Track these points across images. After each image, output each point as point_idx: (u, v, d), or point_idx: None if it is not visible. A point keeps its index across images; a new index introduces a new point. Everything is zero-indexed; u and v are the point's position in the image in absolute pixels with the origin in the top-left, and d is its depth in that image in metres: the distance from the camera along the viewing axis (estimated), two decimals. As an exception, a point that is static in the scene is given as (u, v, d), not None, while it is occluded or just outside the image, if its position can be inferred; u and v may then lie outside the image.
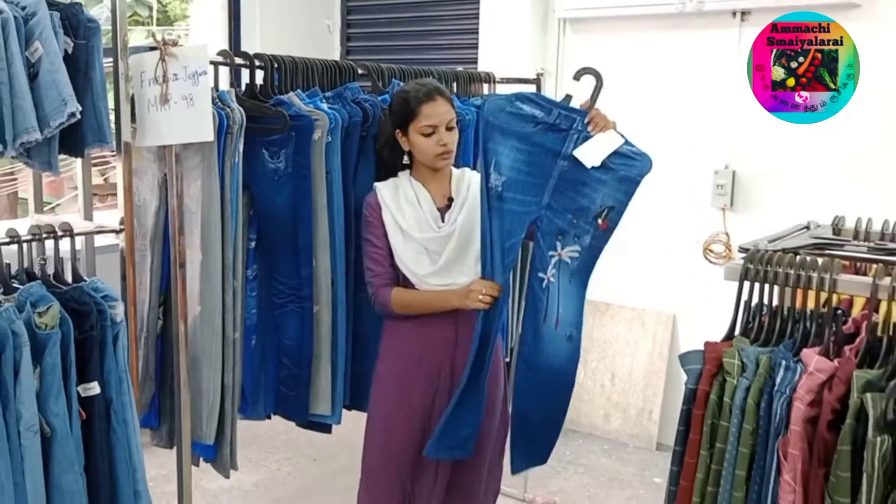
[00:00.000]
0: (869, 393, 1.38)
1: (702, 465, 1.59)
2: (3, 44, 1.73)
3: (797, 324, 1.59)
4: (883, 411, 1.37)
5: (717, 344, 1.64)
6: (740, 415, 1.52)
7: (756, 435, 1.51)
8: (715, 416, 1.57)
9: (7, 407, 1.67)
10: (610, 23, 3.89)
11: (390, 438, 2.27)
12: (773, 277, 1.58)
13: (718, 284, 3.62)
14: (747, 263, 1.64)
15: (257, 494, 3.36)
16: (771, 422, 1.50)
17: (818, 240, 1.81)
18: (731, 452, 1.53)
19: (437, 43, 4.66)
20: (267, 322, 2.41)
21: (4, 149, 1.75)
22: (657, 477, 3.63)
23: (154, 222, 2.14)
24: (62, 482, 1.77)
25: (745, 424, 1.51)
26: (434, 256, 2.22)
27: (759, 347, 1.57)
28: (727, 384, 1.56)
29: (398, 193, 2.24)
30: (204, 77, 1.88)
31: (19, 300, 1.73)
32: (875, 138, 3.29)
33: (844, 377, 1.42)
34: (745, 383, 1.52)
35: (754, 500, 1.51)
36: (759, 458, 1.51)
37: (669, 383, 3.90)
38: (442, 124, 2.21)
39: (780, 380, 1.49)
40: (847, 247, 1.74)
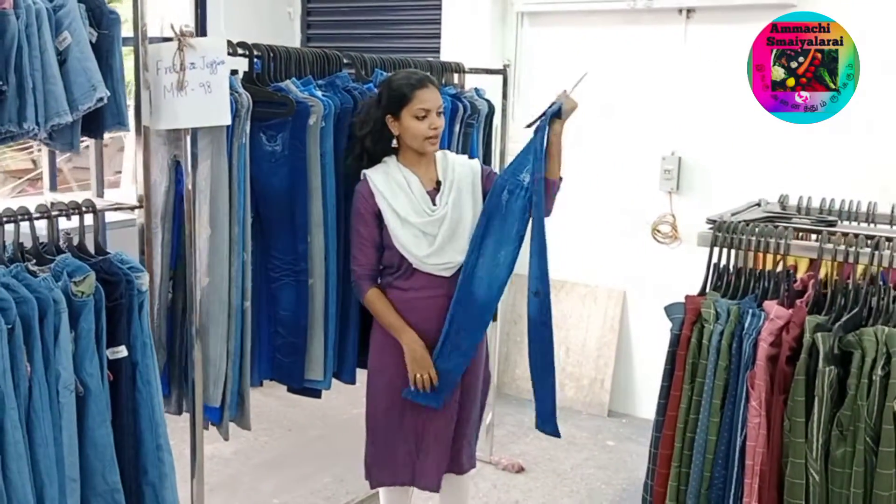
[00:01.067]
0: (819, 333, 1.71)
1: (685, 396, 1.90)
2: (36, 33, 1.86)
3: (757, 282, 1.90)
4: (831, 347, 1.69)
5: (695, 297, 1.95)
6: (716, 354, 1.84)
7: (728, 370, 1.83)
8: (695, 356, 1.87)
9: (48, 368, 1.83)
10: (565, 17, 4.14)
11: (394, 400, 2.48)
12: (738, 243, 1.88)
13: (665, 262, 3.98)
14: (716, 232, 1.92)
15: (237, 462, 3.53)
16: (741, 359, 1.83)
17: (770, 213, 2.11)
18: (709, 385, 1.85)
19: (397, 32, 4.81)
20: (262, 294, 2.59)
21: (38, 130, 1.89)
22: (610, 440, 3.93)
23: (164, 201, 2.29)
24: (95, 436, 1.93)
25: (720, 362, 1.83)
26: (430, 238, 2.42)
27: (728, 300, 1.87)
28: (705, 329, 1.88)
29: (389, 179, 2.42)
30: (222, 66, 2.05)
31: (55, 270, 1.89)
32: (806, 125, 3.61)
33: (799, 321, 1.74)
34: (720, 328, 1.83)
35: (728, 423, 1.84)
36: (732, 389, 1.84)
37: (620, 355, 4.21)
38: (434, 109, 2.41)
39: (748, 325, 1.81)
40: (794, 220, 2.04)
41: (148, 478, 2.08)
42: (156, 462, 2.08)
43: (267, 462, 3.58)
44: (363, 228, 2.43)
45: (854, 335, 1.75)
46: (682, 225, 3.94)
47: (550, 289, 2.54)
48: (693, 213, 3.88)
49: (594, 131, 4.11)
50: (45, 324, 1.82)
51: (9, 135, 1.88)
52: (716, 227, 1.94)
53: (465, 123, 3.07)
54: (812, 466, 1.75)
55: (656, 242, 4.00)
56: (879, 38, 3.28)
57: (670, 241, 3.96)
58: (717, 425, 1.86)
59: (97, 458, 1.94)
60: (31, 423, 1.79)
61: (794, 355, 1.80)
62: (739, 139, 3.78)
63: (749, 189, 3.44)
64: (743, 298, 1.90)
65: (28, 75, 1.84)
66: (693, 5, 3.79)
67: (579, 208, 4.16)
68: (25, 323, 1.77)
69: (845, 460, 1.76)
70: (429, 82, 2.41)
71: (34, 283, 1.82)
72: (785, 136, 3.63)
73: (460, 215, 2.42)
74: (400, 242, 2.40)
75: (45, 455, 1.81)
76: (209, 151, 2.24)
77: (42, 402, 1.82)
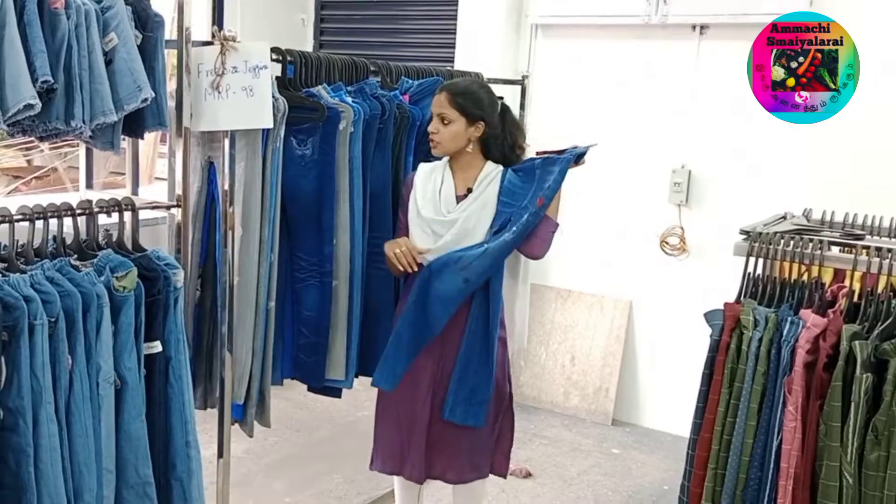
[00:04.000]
0: (856, 341, 1.82)
1: (723, 400, 2.00)
2: (85, 33, 1.91)
3: (790, 292, 1.98)
4: (868, 355, 1.77)
5: (734, 304, 2.05)
6: (755, 359, 1.94)
7: (767, 375, 1.93)
8: (734, 361, 1.96)
9: (90, 360, 1.87)
10: (579, 30, 4.20)
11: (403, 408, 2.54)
12: (774, 254, 1.96)
13: (673, 274, 4.05)
14: (752, 242, 2.00)
15: (249, 460, 3.57)
16: (779, 365, 1.93)
17: (798, 226, 2.19)
18: (747, 389, 1.94)
19: (410, 40, 4.87)
20: (287, 294, 2.63)
21: (85, 129, 1.93)
22: (615, 448, 3.98)
23: (196, 201, 2.33)
24: (130, 429, 1.97)
25: (759, 367, 1.93)
26: (436, 237, 2.50)
27: (765, 308, 1.95)
28: (744, 336, 1.98)
29: (429, 175, 2.56)
30: (265, 70, 2.10)
31: (97, 265, 1.93)
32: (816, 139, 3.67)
33: (836, 329, 1.85)
34: (759, 335, 1.93)
35: (764, 426, 1.92)
36: (769, 394, 1.94)
37: (625, 364, 4.26)
38: (435, 114, 2.52)
39: (786, 332, 1.92)
40: (823, 232, 2.13)
41: (176, 472, 2.11)
42: (185, 458, 2.11)
43: (278, 462, 3.61)
44: (402, 214, 2.60)
45: (889, 344, 1.86)
46: (690, 237, 4.00)
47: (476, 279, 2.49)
48: (702, 225, 3.97)
49: (605, 142, 4.16)
50: (88, 317, 1.86)
51: (55, 131, 1.92)
52: (751, 237, 2.02)
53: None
54: (846, 469, 1.84)
55: (664, 254, 4.06)
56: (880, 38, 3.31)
57: (678, 253, 4.03)
58: (753, 428, 1.95)
59: (131, 450, 1.98)
60: (70, 414, 1.83)
61: (831, 362, 1.90)
62: (750, 154, 3.85)
63: (757, 203, 3.52)
64: (778, 307, 1.99)
65: (76, 74, 1.88)
66: (707, 22, 3.86)
67: (588, 218, 4.23)
68: (69, 316, 1.81)
69: (879, 464, 1.87)
70: (444, 90, 2.53)
71: (77, 278, 1.86)
72: (795, 150, 3.70)
73: (473, 226, 2.48)
74: (409, 231, 2.54)
75: (85, 446, 1.85)
76: (244, 154, 2.29)
77: (83, 395, 1.85)
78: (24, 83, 1.76)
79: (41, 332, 1.76)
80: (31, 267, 1.83)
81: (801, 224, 2.20)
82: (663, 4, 3.89)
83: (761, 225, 2.15)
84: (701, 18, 3.86)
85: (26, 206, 1.88)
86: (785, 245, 1.96)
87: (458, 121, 2.52)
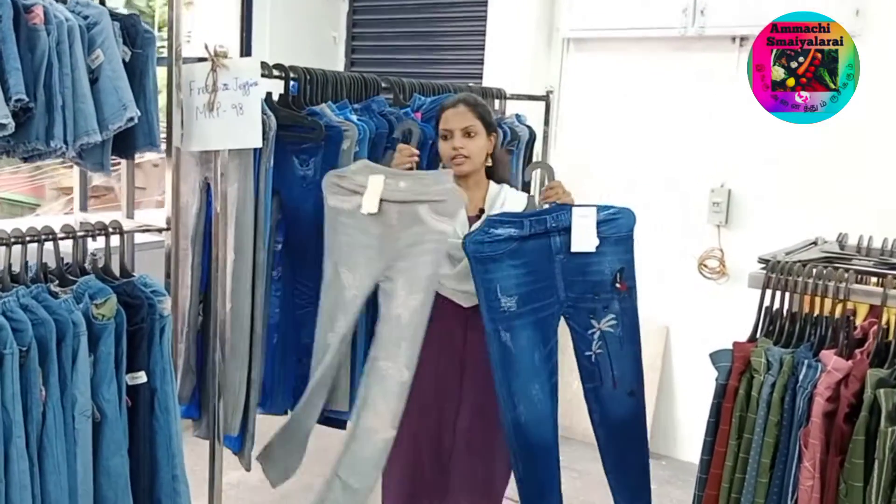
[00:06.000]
0: (882, 389, 1.57)
1: (730, 453, 1.76)
2: (67, 50, 1.84)
3: (813, 328, 1.76)
4: (895, 405, 1.54)
5: (744, 344, 1.81)
6: (766, 408, 1.69)
7: (780, 426, 1.68)
8: (743, 409, 1.73)
9: (65, 392, 1.78)
10: (613, 44, 4.04)
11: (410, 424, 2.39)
12: (793, 286, 1.75)
13: (712, 298, 3.83)
14: (769, 272, 1.80)
15: (264, 490, 3.43)
16: (794, 414, 1.68)
17: (827, 254, 1.98)
18: (758, 442, 1.70)
19: (441, 57, 4.78)
20: (288, 321, 2.53)
21: (66, 149, 1.85)
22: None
23: (195, 223, 2.26)
24: (110, 465, 1.88)
25: (771, 416, 1.69)
26: (454, 262, 2.35)
27: (781, 348, 1.74)
28: (754, 380, 1.74)
29: None
30: (255, 88, 2.00)
31: (76, 292, 1.84)
32: (867, 158, 3.46)
33: (859, 375, 1.60)
34: (771, 380, 1.69)
35: (777, 485, 1.69)
36: (783, 447, 1.69)
37: (662, 394, 4.05)
38: (457, 129, 2.37)
39: (803, 377, 1.67)
40: (854, 261, 1.91)
41: (163, 509, 2.01)
42: (171, 493, 2.01)
43: (294, 492, 3.47)
44: None
45: (921, 393, 1.58)
46: (730, 260, 3.79)
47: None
48: (743, 248, 3.75)
49: (640, 160, 4.01)
50: (63, 347, 1.77)
51: (36, 152, 1.85)
52: (769, 267, 1.81)
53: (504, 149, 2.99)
54: (870, 536, 1.60)
55: (703, 277, 3.86)
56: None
57: (718, 276, 3.82)
58: (765, 487, 1.71)
59: (110, 487, 1.88)
60: (43, 449, 1.74)
61: (853, 412, 1.64)
62: (794, 172, 3.63)
63: (803, 226, 3.29)
64: (797, 346, 1.76)
65: (58, 93, 1.81)
66: (747, 33, 3.66)
67: (622, 240, 4.04)
68: (42, 345, 1.72)
69: (907, 530, 1.60)
70: (461, 103, 2.39)
71: (54, 305, 1.77)
72: (843, 170, 3.48)
73: None
74: None
75: (56, 484, 1.75)
76: (237, 175, 2.20)
77: (56, 429, 1.76)
78: (-3, 102, 1.68)
79: (11, 362, 1.67)
80: (5, 294, 1.75)
81: (831, 251, 1.99)
82: (700, 16, 3.71)
83: (783, 252, 1.95)
84: (741, 30, 3.66)
85: (3, 231, 1.81)
86: (806, 276, 1.76)
87: (481, 133, 2.41)
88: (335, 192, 2.28)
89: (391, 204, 2.23)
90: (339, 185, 2.27)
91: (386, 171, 2.28)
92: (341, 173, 2.29)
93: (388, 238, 2.24)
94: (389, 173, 2.27)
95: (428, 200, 2.22)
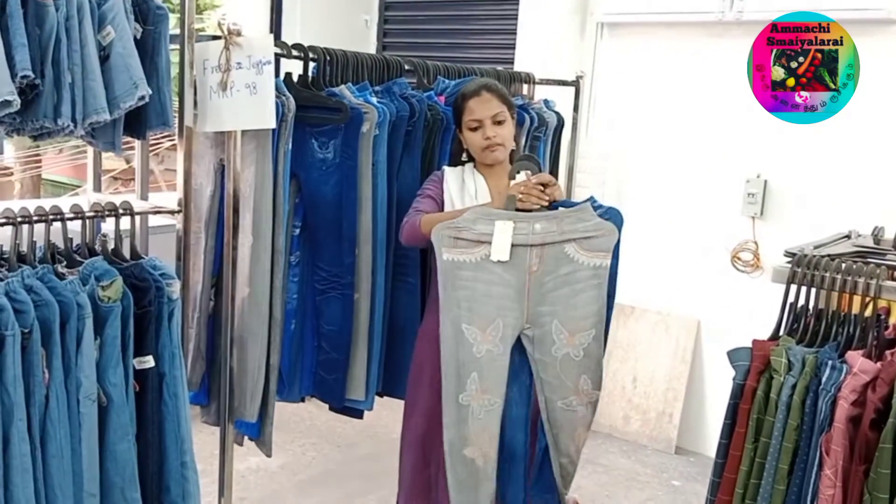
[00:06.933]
0: None
1: (746, 457, 1.64)
2: (77, 26, 1.79)
3: (841, 327, 1.64)
4: None
5: (764, 342, 1.70)
6: (786, 411, 1.58)
7: (800, 431, 1.57)
8: (761, 411, 1.63)
9: (69, 375, 1.75)
10: (648, 28, 3.92)
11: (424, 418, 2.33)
12: (820, 281, 1.64)
13: (745, 292, 3.71)
14: (794, 267, 1.69)
15: (283, 476, 3.44)
16: (815, 419, 1.56)
17: (860, 248, 1.86)
18: (775, 446, 1.59)
19: (473, 42, 4.71)
20: (307, 307, 2.48)
21: (75, 127, 1.81)
22: (675, 480, 3.67)
23: (209, 206, 2.21)
24: (116, 450, 1.84)
25: (790, 420, 1.57)
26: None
27: (804, 347, 1.63)
28: (774, 381, 1.62)
29: (461, 181, 2.34)
30: (268, 66, 1.95)
31: (83, 273, 1.81)
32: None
33: (888, 378, 1.48)
34: (792, 381, 1.58)
35: (795, 493, 1.57)
36: (802, 453, 1.57)
37: (691, 388, 3.95)
38: (486, 118, 2.28)
39: (826, 379, 1.55)
40: (888, 256, 1.79)
41: (171, 496, 1.98)
42: (179, 479, 1.98)
43: (312, 479, 3.47)
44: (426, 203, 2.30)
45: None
46: (765, 253, 3.67)
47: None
48: (778, 241, 3.59)
49: (674, 148, 3.89)
50: (68, 329, 1.74)
51: (45, 130, 1.81)
52: (795, 261, 1.70)
53: (531, 136, 2.91)
54: (895, 553, 1.48)
55: (736, 270, 3.74)
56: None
57: (752, 269, 3.70)
58: (782, 494, 1.59)
59: (117, 473, 1.85)
60: (45, 433, 1.71)
61: (881, 418, 1.51)
62: (834, 163, 3.49)
63: (842, 219, 3.15)
64: (822, 346, 1.65)
65: (66, 70, 1.77)
66: (787, 18, 3.52)
67: (654, 229, 3.94)
68: (45, 327, 1.69)
69: (934, 547, 1.48)
70: (484, 90, 2.30)
71: (59, 286, 1.74)
72: (885, 161, 3.34)
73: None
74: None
75: (59, 468, 1.72)
76: (254, 157, 2.14)
77: (59, 412, 1.73)
78: (2, 78, 1.65)
79: (13, 344, 1.64)
80: (11, 274, 1.72)
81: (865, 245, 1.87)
82: (738, 0, 3.58)
83: (811, 246, 1.83)
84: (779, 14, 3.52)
85: (10, 210, 1.78)
86: (834, 271, 1.64)
87: (508, 119, 2.35)
88: (453, 246, 2.11)
89: (526, 248, 2.11)
90: (457, 237, 2.11)
91: (509, 214, 2.12)
92: (458, 225, 2.11)
93: (530, 283, 2.13)
94: (517, 217, 2.11)
95: (575, 238, 2.12)
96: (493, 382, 2.17)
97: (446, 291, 2.13)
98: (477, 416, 2.17)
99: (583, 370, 2.18)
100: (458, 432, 2.18)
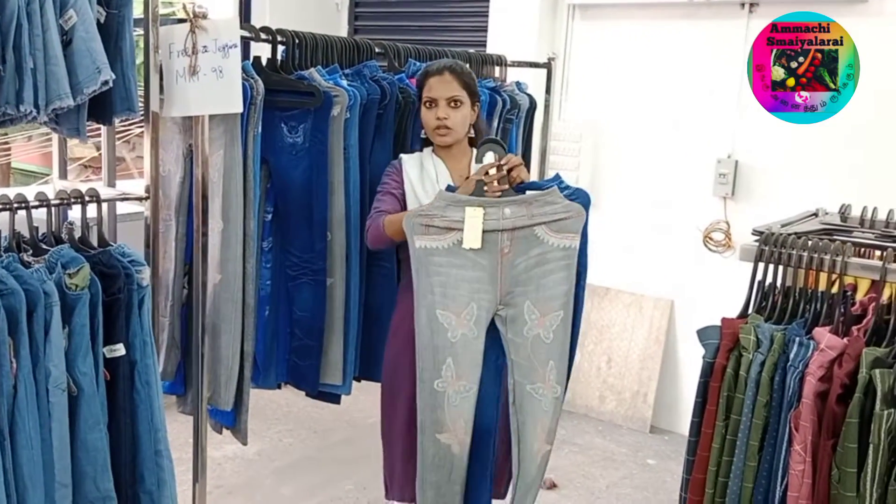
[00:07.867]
0: (877, 369, 1.47)
1: (717, 435, 1.67)
2: (38, 11, 1.76)
3: (808, 304, 1.67)
4: (891, 386, 1.45)
5: (733, 320, 1.72)
6: (755, 388, 1.61)
7: (769, 407, 1.60)
8: (731, 388, 1.65)
9: (37, 365, 1.72)
10: (619, 10, 3.93)
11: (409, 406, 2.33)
12: (787, 259, 1.65)
13: (717, 271, 3.74)
14: (762, 245, 1.70)
15: (260, 463, 3.43)
16: (784, 395, 1.58)
17: (827, 226, 1.88)
18: (746, 423, 1.61)
19: (444, 24, 4.68)
20: (280, 293, 2.47)
21: (38, 113, 1.78)
22: (650, 458, 3.71)
23: (179, 192, 2.18)
24: (88, 439, 1.82)
25: (760, 397, 1.60)
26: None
27: (773, 325, 1.65)
28: (743, 359, 1.64)
29: (420, 167, 2.32)
30: (234, 50, 1.92)
31: (49, 261, 1.78)
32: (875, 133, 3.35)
33: (854, 354, 1.50)
34: (760, 358, 1.60)
35: (766, 468, 1.60)
36: (772, 430, 1.60)
37: (665, 368, 3.98)
38: (442, 98, 2.28)
39: (794, 355, 1.57)
40: (855, 233, 1.81)
41: (145, 485, 1.96)
42: (153, 468, 1.96)
43: (290, 465, 3.46)
44: (394, 189, 2.31)
45: (919, 373, 1.47)
46: (736, 233, 3.70)
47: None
48: (749, 220, 3.59)
49: (646, 130, 3.91)
50: (35, 318, 1.71)
51: (7, 117, 1.78)
52: (762, 239, 1.72)
53: (504, 118, 2.91)
54: (864, 525, 1.50)
55: (708, 250, 3.77)
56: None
57: (723, 249, 3.73)
58: (753, 471, 1.62)
59: (89, 462, 1.83)
60: (14, 423, 1.68)
61: (847, 393, 1.54)
62: (803, 143, 3.52)
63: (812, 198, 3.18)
64: (790, 323, 1.67)
65: (28, 55, 1.73)
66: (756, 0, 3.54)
67: (626, 211, 3.96)
68: (11, 316, 1.66)
69: (903, 519, 1.50)
70: (447, 71, 2.30)
71: (25, 275, 1.71)
72: (855, 140, 3.37)
73: None
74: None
75: (30, 458, 1.70)
76: (222, 141, 2.12)
77: (28, 402, 1.70)
78: (-39, 64, 1.61)
79: (-22, 334, 1.62)
80: (-25, 264, 1.69)
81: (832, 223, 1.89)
82: (709, -19, 3.59)
83: (778, 224, 1.85)
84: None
85: (-26, 198, 1.75)
86: (800, 249, 1.66)
87: (466, 103, 2.33)
88: (424, 233, 2.12)
89: (497, 233, 2.12)
90: (429, 224, 2.12)
91: (478, 200, 2.12)
92: (428, 212, 2.12)
93: (502, 266, 2.14)
94: (487, 203, 2.11)
95: (545, 222, 2.13)
96: (467, 367, 2.18)
97: (420, 279, 2.14)
98: (453, 404, 2.19)
99: (551, 355, 2.20)
100: (432, 417, 2.20)
